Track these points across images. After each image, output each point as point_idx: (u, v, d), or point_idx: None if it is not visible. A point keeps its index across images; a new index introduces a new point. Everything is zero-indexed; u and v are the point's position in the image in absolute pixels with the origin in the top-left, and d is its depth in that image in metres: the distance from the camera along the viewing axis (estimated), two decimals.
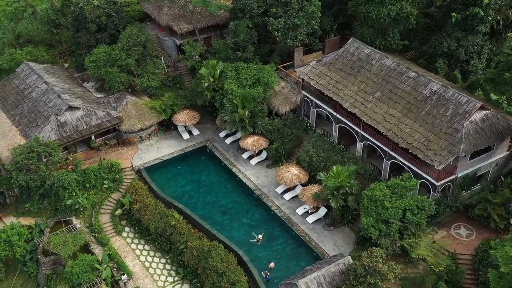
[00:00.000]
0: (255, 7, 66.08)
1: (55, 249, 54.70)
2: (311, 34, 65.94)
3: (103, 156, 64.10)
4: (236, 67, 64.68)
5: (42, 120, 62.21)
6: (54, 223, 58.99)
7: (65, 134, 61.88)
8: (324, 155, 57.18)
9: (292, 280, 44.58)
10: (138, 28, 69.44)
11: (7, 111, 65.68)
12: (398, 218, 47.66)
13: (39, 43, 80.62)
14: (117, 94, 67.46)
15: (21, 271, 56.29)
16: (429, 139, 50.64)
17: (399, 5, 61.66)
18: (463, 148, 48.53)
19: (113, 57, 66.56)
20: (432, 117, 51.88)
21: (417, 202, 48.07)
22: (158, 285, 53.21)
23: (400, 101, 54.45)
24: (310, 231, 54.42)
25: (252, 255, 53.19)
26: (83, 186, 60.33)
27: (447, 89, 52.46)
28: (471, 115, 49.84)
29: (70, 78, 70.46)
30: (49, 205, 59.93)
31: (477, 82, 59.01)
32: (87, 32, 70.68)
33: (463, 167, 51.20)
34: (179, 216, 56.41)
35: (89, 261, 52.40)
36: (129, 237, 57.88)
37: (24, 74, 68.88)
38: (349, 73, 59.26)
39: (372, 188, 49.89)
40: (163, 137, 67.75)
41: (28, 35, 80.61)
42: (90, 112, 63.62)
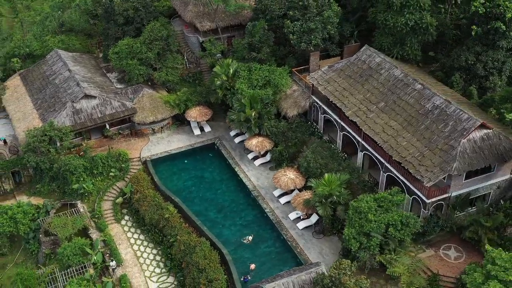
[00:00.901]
0: (276, 8, 66.14)
1: (54, 230, 57.02)
2: (328, 39, 65.15)
3: (115, 145, 66.13)
4: (249, 67, 65.00)
5: (60, 106, 64.93)
6: (61, 205, 61.35)
7: (79, 121, 64.30)
8: (322, 162, 56.52)
9: (261, 283, 44.49)
10: (161, 23, 71.03)
11: (31, 94, 68.99)
12: (380, 232, 46.53)
13: (79, 32, 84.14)
14: (135, 86, 69.34)
15: (24, 248, 58.85)
16: (423, 154, 49.08)
17: (419, 15, 59.92)
18: (456, 166, 46.71)
19: (134, 49, 68.49)
20: (430, 132, 50.23)
21: (401, 217, 46.75)
22: (145, 274, 54.37)
23: (402, 113, 53.04)
24: (298, 237, 54.00)
25: (238, 254, 53.43)
26: (91, 172, 62.41)
27: (449, 104, 50.61)
28: (469, 133, 47.86)
29: (95, 68, 73.06)
30: (58, 187, 62.45)
31: (491, 99, 56.47)
32: (115, 24, 73.09)
33: (458, 187, 49.27)
34: (173, 209, 57.38)
35: (81, 244, 54.28)
36: (127, 225, 59.44)
37: (52, 61, 72.09)
38: (357, 81, 58.27)
39: (359, 199, 48.98)
40: (175, 131, 69.04)
41: (70, 24, 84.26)
42: (106, 101, 65.76)
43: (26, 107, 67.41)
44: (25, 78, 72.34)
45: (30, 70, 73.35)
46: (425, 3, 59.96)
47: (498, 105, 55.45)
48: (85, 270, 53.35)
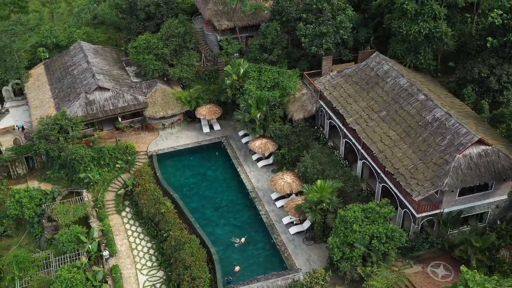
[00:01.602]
0: (292, 10, 65.67)
1: (56, 216, 58.75)
2: (341, 44, 64.18)
3: (126, 137, 67.43)
4: (259, 68, 64.87)
5: (74, 96, 66.74)
6: (67, 193, 63.00)
7: (91, 112, 65.91)
8: (320, 167, 55.79)
9: (236, 286, 44.42)
10: (180, 20, 71.84)
11: (51, 83, 71.21)
12: (364, 243, 45.56)
13: (110, 25, 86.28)
14: (150, 81, 70.45)
15: (29, 232, 60.93)
16: (417, 167, 47.69)
17: (433, 24, 58.20)
18: (448, 182, 45.14)
19: (151, 45, 69.57)
20: (427, 144, 48.75)
21: (387, 230, 45.61)
22: (136, 267, 55.19)
23: (402, 124, 51.71)
24: (288, 242, 53.53)
25: (226, 255, 53.49)
26: (98, 162, 63.84)
27: (449, 117, 48.93)
28: (465, 148, 46.16)
29: (115, 61, 74.67)
30: (66, 175, 64.16)
31: (500, 115, 54.23)
32: (137, 19, 74.55)
33: (450, 203, 47.62)
34: (170, 205, 57.99)
35: (76, 232, 55.65)
36: (126, 217, 60.49)
37: (74, 52, 74.18)
38: (363, 88, 57.21)
39: (348, 209, 48.13)
40: (185, 127, 69.72)
41: (102, 17, 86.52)
42: (119, 94, 67.12)
43: (44, 95, 69.65)
44: (48, 67, 74.75)
45: (53, 60, 75.74)
46: (441, 12, 58.19)
47: (509, 121, 53.24)
48: (78, 257, 54.73)
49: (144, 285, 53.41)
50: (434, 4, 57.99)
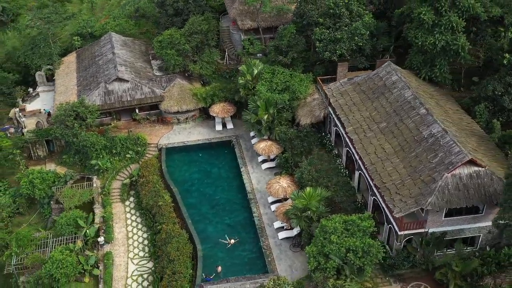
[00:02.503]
0: (314, 14, 64.94)
1: (62, 199, 61.13)
2: (358, 51, 62.90)
3: (141, 129, 69.10)
4: (273, 70, 64.63)
5: (95, 85, 69.02)
6: (79, 178, 65.34)
7: (109, 102, 67.96)
8: (315, 175, 54.99)
9: (204, 284, 44.72)
10: (205, 17, 72.67)
11: (78, 71, 73.95)
12: (340, 256, 44.63)
13: (149, 19, 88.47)
14: (170, 75, 71.75)
15: (39, 212, 63.71)
16: (404, 182, 46.23)
17: (450, 36, 55.99)
18: (431, 201, 43.50)
19: (173, 40, 70.77)
20: (418, 160, 47.11)
21: (364, 244, 44.45)
22: (129, 256, 56.53)
23: (399, 137, 50.20)
24: (275, 247, 53.22)
25: (213, 253, 53.89)
26: (110, 151, 65.83)
27: (445, 134, 47.03)
28: (455, 168, 44.27)
29: (142, 54, 76.50)
30: (80, 161, 66.52)
31: (509, 136, 51.47)
32: (166, 14, 76.08)
33: (436, 223, 45.81)
34: (168, 198, 58.99)
35: (75, 216, 57.69)
36: (129, 206, 61.97)
37: (103, 43, 76.63)
38: (369, 97, 55.94)
39: (330, 219, 47.32)
40: (199, 124, 70.50)
41: (144, 10, 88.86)
42: (137, 86, 68.81)
43: (70, 82, 72.44)
44: (79, 56, 77.63)
45: (84, 49, 78.55)
46: (459, 24, 55.89)
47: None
48: (75, 241, 56.69)
49: (132, 274, 54.70)
50: (452, 16, 55.81)
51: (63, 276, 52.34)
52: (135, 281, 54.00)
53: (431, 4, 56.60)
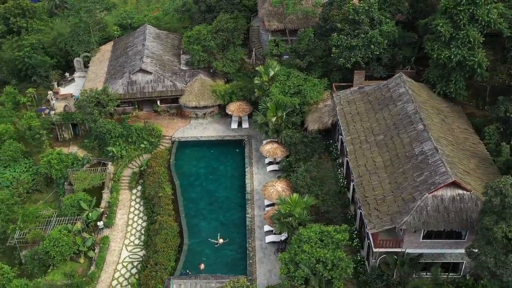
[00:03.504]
0: (337, 19, 63.85)
1: (74, 181, 63.77)
2: (376, 60, 61.21)
3: (160, 121, 70.78)
4: (289, 73, 64.16)
5: (120, 75, 71.36)
6: (96, 162, 67.96)
7: (131, 91, 70.08)
8: (309, 181, 54.18)
9: (173, 278, 45.36)
10: (233, 16, 73.18)
11: (110, 60, 76.67)
12: (309, 266, 43.85)
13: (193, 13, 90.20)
14: (194, 71, 72.87)
15: (55, 191, 66.78)
16: (385, 198, 44.78)
17: (467, 52, 53.41)
18: (407, 221, 41.89)
19: (200, 36, 71.81)
20: (404, 177, 45.43)
21: (334, 257, 43.42)
22: (124, 242, 58.21)
23: (392, 151, 48.61)
24: (260, 249, 53.04)
25: (199, 248, 54.55)
26: (126, 139, 67.89)
27: (435, 152, 45.02)
28: (436, 189, 42.36)
29: (173, 47, 78.14)
30: (98, 146, 69.01)
31: (510, 162, 48.41)
32: (199, 10, 77.33)
33: (414, 244, 44.00)
34: (169, 190, 60.20)
35: (79, 199, 60.00)
36: (135, 194, 63.63)
37: (138, 34, 79.00)
38: (374, 108, 54.45)
39: (308, 227, 46.58)
40: (216, 120, 71.17)
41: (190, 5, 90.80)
42: (159, 79, 70.44)
43: (101, 70, 75.25)
44: (115, 45, 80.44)
45: (121, 39, 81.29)
46: (476, 39, 53.17)
47: None
48: (75, 222, 59.00)
49: (123, 260, 56.30)
50: (470, 30, 53.18)
51: (58, 254, 54.75)
52: (124, 267, 55.56)
53: (450, 16, 54.23)
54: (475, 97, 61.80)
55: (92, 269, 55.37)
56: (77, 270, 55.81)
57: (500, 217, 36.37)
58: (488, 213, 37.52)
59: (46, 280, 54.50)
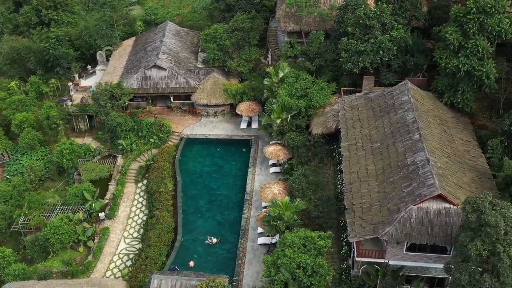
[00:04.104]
0: (351, 23, 63.03)
1: (82, 171, 65.27)
2: (386, 66, 60.08)
3: (171, 117, 71.53)
4: (298, 75, 63.71)
5: (136, 70, 72.52)
6: (107, 154, 69.31)
7: (145, 87, 71.14)
8: (305, 186, 53.65)
9: (154, 273, 45.85)
10: (250, 16, 73.20)
11: (130, 55, 77.88)
12: (290, 270, 43.56)
13: None
14: (209, 69, 73.27)
15: (66, 180, 68.47)
16: (371, 208, 43.99)
17: (476, 61, 51.80)
18: (389, 232, 41.08)
19: (216, 35, 72.19)
20: (393, 187, 44.51)
21: (314, 264, 42.98)
22: (123, 234, 59.16)
23: (386, 160, 47.70)
24: (251, 251, 52.96)
25: (192, 246, 54.89)
26: (137, 133, 68.95)
27: (426, 164, 43.88)
28: (422, 201, 41.32)
29: (191, 45, 78.72)
30: (110, 138, 70.35)
31: (508, 178, 46.60)
32: (218, 9, 77.78)
33: (397, 256, 43.07)
34: (171, 185, 60.88)
35: (83, 189, 61.34)
36: (140, 188, 64.47)
37: (158, 30, 79.96)
38: (375, 115, 53.52)
39: (294, 232, 46.30)
40: (227, 119, 71.25)
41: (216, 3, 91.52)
42: (173, 75, 71.20)
43: (119, 64, 76.66)
44: (136, 40, 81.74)
45: (142, 35, 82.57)
46: (485, 49, 51.51)
47: None
48: (77, 211, 60.34)
49: (120, 251, 57.27)
50: (479, 40, 51.56)
51: (57, 242, 56.23)
52: (120, 259, 56.51)
53: (460, 24, 52.73)
54: (489, 109, 59.97)
55: (89, 259, 56.62)
56: (75, 258, 57.13)
57: (476, 234, 35.13)
58: (465, 230, 36.32)
59: (44, 266, 56.13)
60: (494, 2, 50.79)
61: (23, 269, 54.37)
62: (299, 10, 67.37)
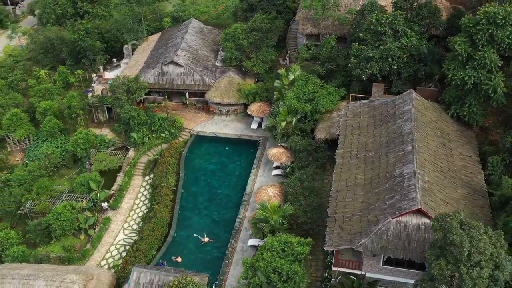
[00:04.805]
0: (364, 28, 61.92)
1: (93, 161, 66.94)
2: (396, 74, 58.67)
3: (185, 113, 72.37)
4: (307, 78, 63.13)
5: (154, 65, 73.68)
6: (121, 146, 70.93)
7: (161, 82, 72.21)
8: (299, 190, 53.14)
9: (136, 266, 46.56)
10: (270, 17, 73.01)
11: (152, 50, 79.20)
12: (266, 274, 43.35)
13: None
14: (226, 68, 73.59)
15: (80, 169, 70.39)
16: (352, 218, 43.20)
17: (484, 74, 49.90)
18: (364, 243, 40.26)
19: (235, 34, 72.44)
20: (377, 198, 43.53)
21: (289, 270, 42.60)
22: (123, 226, 60.29)
23: (376, 170, 46.73)
24: (240, 251, 52.94)
25: (183, 242, 55.41)
26: (149, 128, 70.08)
27: (412, 177, 42.66)
28: (401, 214, 40.27)
29: (213, 43, 79.15)
30: (125, 131, 71.89)
31: (503, 197, 44.63)
32: (241, 8, 78.02)
33: (374, 269, 42.17)
34: (173, 181, 61.62)
35: (89, 178, 62.88)
36: (146, 182, 65.47)
37: (182, 27, 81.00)
38: (375, 123, 52.45)
39: (276, 236, 46.02)
40: (238, 119, 71.33)
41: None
42: (189, 72, 71.93)
43: (141, 59, 78.08)
44: (161, 36, 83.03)
45: (167, 31, 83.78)
46: (493, 62, 49.52)
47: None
48: (82, 199, 61.91)
49: (118, 242, 58.44)
50: (488, 52, 49.61)
51: (59, 228, 57.86)
52: (116, 250, 57.64)
53: (469, 35, 50.88)
54: (504, 124, 57.61)
55: (87, 247, 58.05)
56: (75, 245, 58.69)
57: (442, 253, 33.91)
58: (433, 247, 35.15)
59: (45, 251, 57.94)
60: (505, 13, 48.74)
61: (23, 251, 56.22)
62: (314, 13, 66.65)
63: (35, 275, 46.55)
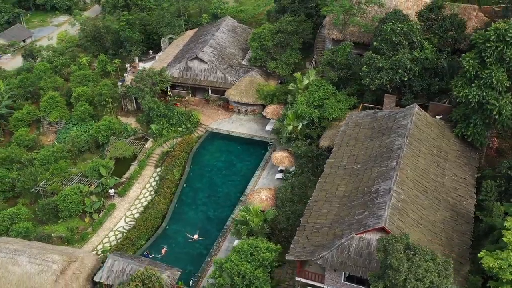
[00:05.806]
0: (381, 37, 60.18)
1: (110, 148, 69.23)
2: (407, 87, 56.66)
3: (206, 109, 73.28)
4: (320, 84, 62.15)
5: (181, 59, 75.02)
6: (141, 136, 72.89)
7: (185, 76, 73.48)
8: (289, 196, 52.54)
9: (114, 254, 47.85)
10: (298, 19, 72.37)
11: (184, 45, 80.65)
12: (231, 276, 43.33)
13: None
14: (250, 67, 73.79)
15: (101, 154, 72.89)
16: (321, 229, 42.46)
17: (490, 94, 47.27)
18: (323, 257, 39.42)
19: (262, 35, 72.43)
20: (349, 212, 42.41)
21: (252, 274, 42.34)
22: (125, 214, 61.91)
23: (357, 183, 45.55)
24: (223, 251, 52.93)
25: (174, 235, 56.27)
26: (168, 120, 71.50)
27: (386, 194, 41.20)
28: (365, 231, 39.05)
29: (243, 42, 79.67)
30: (146, 121, 73.72)
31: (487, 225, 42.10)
32: (275, 9, 77.94)
33: (336, 284, 41.15)
34: (178, 174, 62.66)
35: (100, 165, 65.03)
36: (157, 172, 66.66)
37: (215, 24, 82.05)
38: (372, 135, 51.05)
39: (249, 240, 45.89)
40: (255, 119, 71.25)
41: None
42: (213, 69, 72.69)
43: (172, 52, 79.71)
44: (196, 32, 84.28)
45: (203, 27, 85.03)
46: (500, 81, 46.76)
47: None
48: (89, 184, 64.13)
49: (117, 228, 60.15)
50: (495, 71, 46.90)
51: (65, 209, 60.37)
52: (114, 236, 59.29)
53: (479, 52, 48.29)
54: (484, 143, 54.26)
55: (88, 230, 60.18)
56: (78, 227, 61.00)
57: (382, 275, 32.59)
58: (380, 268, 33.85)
59: (50, 229, 60.56)
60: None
61: (27, 228, 58.93)
62: (334, 19, 65.45)
63: (21, 251, 48.75)
